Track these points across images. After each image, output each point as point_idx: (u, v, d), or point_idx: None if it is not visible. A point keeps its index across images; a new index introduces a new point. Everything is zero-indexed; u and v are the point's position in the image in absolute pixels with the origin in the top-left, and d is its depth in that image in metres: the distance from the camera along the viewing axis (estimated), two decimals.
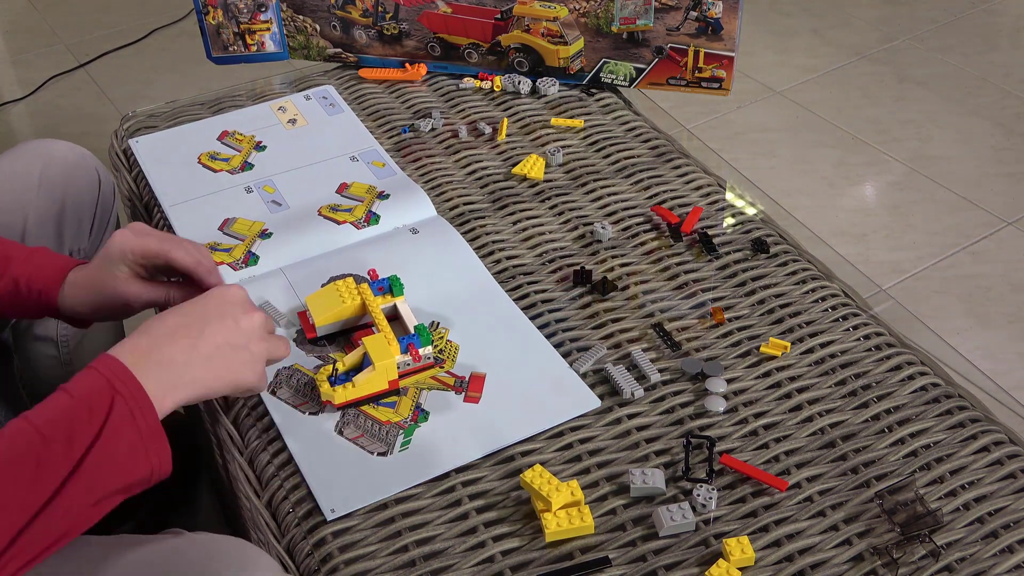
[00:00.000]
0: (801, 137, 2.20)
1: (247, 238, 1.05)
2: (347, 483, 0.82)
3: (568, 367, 0.91)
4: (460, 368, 0.92)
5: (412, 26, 1.31)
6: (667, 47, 1.24)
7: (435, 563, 0.77)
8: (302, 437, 0.86)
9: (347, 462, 0.83)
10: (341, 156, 1.18)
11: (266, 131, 1.22)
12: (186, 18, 2.64)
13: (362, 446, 0.85)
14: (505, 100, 1.29)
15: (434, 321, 0.96)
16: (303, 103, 1.27)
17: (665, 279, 1.02)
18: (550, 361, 0.92)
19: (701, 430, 0.86)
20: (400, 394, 0.89)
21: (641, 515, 0.80)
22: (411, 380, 0.90)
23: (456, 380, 0.90)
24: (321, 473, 0.83)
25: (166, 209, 1.11)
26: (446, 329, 0.95)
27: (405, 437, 0.85)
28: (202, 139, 1.21)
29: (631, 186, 1.14)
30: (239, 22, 1.32)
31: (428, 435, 0.85)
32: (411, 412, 0.87)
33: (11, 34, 2.66)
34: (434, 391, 0.89)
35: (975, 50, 2.48)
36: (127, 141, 1.22)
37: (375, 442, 0.85)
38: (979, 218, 1.94)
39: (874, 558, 0.76)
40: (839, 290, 1.00)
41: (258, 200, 1.11)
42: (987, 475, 0.82)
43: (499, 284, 1.00)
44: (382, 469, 0.83)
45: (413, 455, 0.84)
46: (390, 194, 1.10)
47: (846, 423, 0.87)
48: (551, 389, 0.89)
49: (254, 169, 1.16)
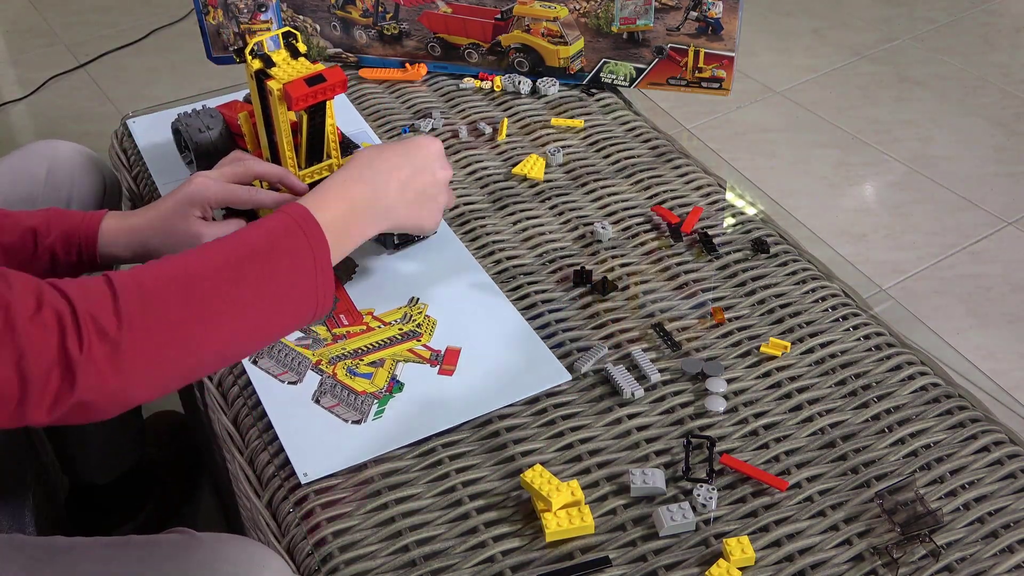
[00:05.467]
0: (801, 137, 2.20)
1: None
2: (321, 449, 0.85)
3: (541, 342, 0.94)
4: (437, 342, 0.94)
5: (412, 26, 1.31)
6: (667, 47, 1.24)
7: (435, 563, 0.77)
8: (281, 405, 0.89)
9: (322, 429, 0.86)
10: None
11: None
12: (186, 18, 2.64)
13: (337, 415, 0.88)
14: (505, 100, 1.29)
15: (413, 297, 0.98)
16: None
17: (665, 279, 1.02)
18: (524, 336, 0.94)
19: (701, 430, 0.86)
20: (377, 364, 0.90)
21: (641, 515, 0.80)
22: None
23: (432, 353, 0.93)
24: (297, 439, 0.86)
25: (161, 189, 1.14)
26: (425, 304, 0.98)
27: (379, 406, 0.88)
28: None
29: (631, 186, 1.14)
30: (239, 22, 1.32)
31: (402, 405, 0.88)
32: (386, 383, 0.90)
33: (11, 34, 2.66)
34: (410, 363, 0.92)
35: (975, 50, 2.48)
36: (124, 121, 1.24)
37: (350, 411, 0.88)
38: (979, 218, 1.94)
39: (874, 558, 0.76)
40: (839, 290, 1.00)
41: None
42: (987, 475, 0.82)
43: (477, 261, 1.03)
44: (356, 436, 0.86)
45: (386, 424, 0.87)
46: None
47: (846, 423, 0.87)
48: (524, 363, 0.92)
49: None
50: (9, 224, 0.88)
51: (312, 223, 0.77)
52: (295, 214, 0.78)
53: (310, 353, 0.93)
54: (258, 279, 0.73)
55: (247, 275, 0.72)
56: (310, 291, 0.76)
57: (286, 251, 0.75)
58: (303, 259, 0.76)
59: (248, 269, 0.72)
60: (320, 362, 0.93)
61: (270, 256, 0.74)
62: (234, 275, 0.72)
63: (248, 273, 0.72)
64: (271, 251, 0.75)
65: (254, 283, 0.72)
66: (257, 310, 0.73)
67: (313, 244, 0.76)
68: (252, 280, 0.72)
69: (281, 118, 0.94)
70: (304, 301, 0.76)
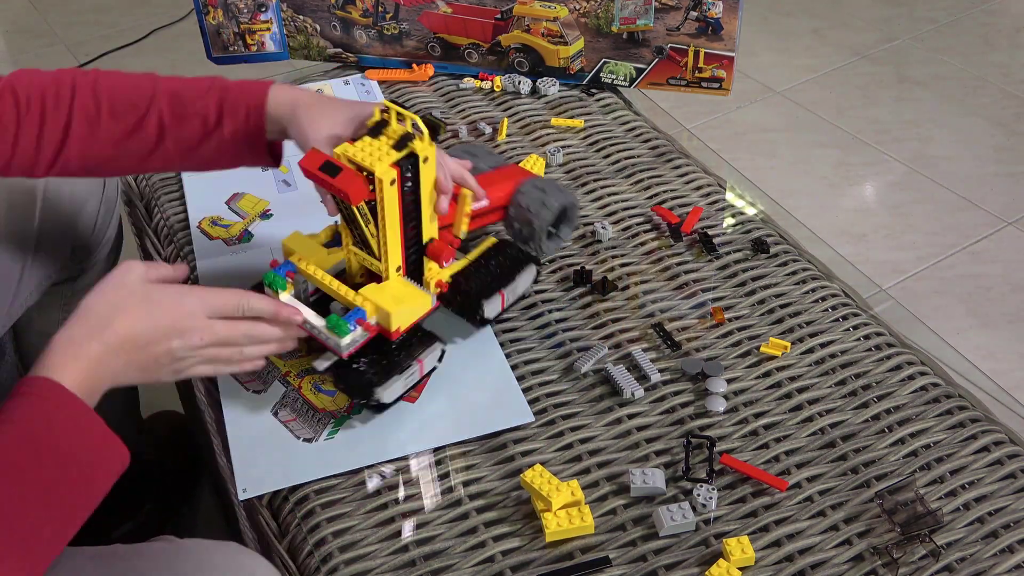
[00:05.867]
0: (801, 137, 2.20)
1: (248, 216, 1.07)
2: (266, 465, 0.84)
3: (513, 379, 0.91)
4: None
5: (412, 26, 1.31)
6: (667, 47, 1.24)
7: (435, 563, 0.77)
8: (240, 414, 0.88)
9: (273, 444, 0.85)
10: None
11: None
12: (186, 18, 2.63)
13: (292, 430, 0.87)
14: (505, 100, 1.29)
15: None
16: (341, 88, 1.30)
17: (665, 279, 1.02)
18: (498, 371, 0.92)
19: (701, 430, 0.86)
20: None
21: (641, 515, 0.80)
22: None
23: None
24: (245, 452, 0.85)
25: (183, 177, 1.14)
26: None
27: (335, 426, 0.87)
28: None
29: (631, 186, 1.14)
30: (239, 22, 1.32)
31: (356, 428, 0.87)
32: (348, 403, 0.89)
33: (11, 34, 2.66)
34: None
35: (975, 50, 2.48)
36: None
37: (304, 427, 0.87)
38: (979, 218, 1.94)
39: (874, 558, 0.76)
40: (839, 290, 1.00)
41: (270, 178, 1.13)
42: (987, 475, 0.82)
43: None
44: (302, 456, 0.84)
45: (335, 446, 0.85)
46: None
47: (846, 423, 0.87)
48: (489, 399, 0.89)
49: None
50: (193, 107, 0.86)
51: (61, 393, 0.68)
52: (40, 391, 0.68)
53: (281, 363, 0.92)
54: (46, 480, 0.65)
55: (28, 482, 0.64)
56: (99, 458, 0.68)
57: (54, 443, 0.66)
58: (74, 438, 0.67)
59: (29, 475, 0.64)
60: (289, 374, 0.91)
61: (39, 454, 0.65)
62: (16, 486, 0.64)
63: (28, 479, 0.64)
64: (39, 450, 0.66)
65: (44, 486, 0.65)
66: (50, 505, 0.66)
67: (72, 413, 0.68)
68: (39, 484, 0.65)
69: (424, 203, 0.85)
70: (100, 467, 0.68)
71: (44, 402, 0.67)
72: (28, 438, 0.65)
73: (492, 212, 0.95)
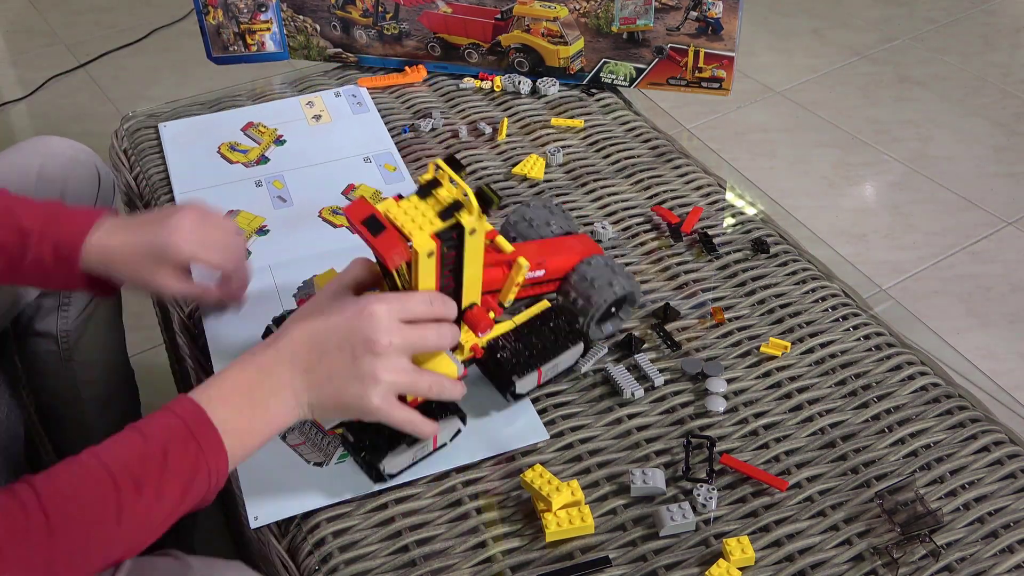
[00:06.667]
0: (801, 137, 2.20)
1: (244, 233, 1.06)
2: (276, 492, 0.81)
3: (527, 400, 0.88)
4: None
5: (412, 26, 1.31)
6: (667, 47, 1.24)
7: (435, 563, 0.77)
8: None
9: (282, 468, 0.82)
10: (355, 156, 1.18)
11: (290, 125, 1.23)
12: (186, 18, 2.64)
13: (301, 454, 0.83)
14: (505, 100, 1.29)
15: None
16: (332, 100, 1.28)
17: (665, 279, 1.02)
18: None
19: (701, 430, 0.86)
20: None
21: (641, 515, 0.80)
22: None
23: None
24: (255, 478, 0.81)
25: (177, 196, 1.12)
26: None
27: (344, 450, 0.84)
28: (227, 129, 1.23)
29: (631, 186, 1.14)
30: (239, 22, 1.32)
31: None
32: None
33: (11, 34, 2.66)
34: None
35: (975, 50, 2.48)
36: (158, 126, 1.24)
37: (314, 451, 0.84)
38: (979, 218, 1.94)
39: (874, 558, 0.76)
40: (839, 290, 1.00)
41: (265, 195, 1.12)
42: (987, 475, 0.82)
43: None
44: (313, 480, 0.81)
45: (348, 469, 0.82)
46: None
47: (846, 423, 0.87)
48: (504, 418, 0.87)
49: (269, 163, 1.17)
50: (6, 223, 0.87)
51: (205, 425, 0.70)
52: (186, 414, 0.70)
53: None
54: (156, 492, 0.67)
55: (145, 487, 0.67)
56: (202, 493, 0.70)
57: (178, 465, 0.68)
58: (196, 471, 0.69)
59: (146, 481, 0.67)
60: None
61: (165, 469, 0.68)
62: (134, 487, 0.66)
63: (146, 485, 0.67)
64: (165, 464, 0.68)
65: (151, 495, 0.67)
66: (153, 517, 0.68)
67: (207, 451, 0.69)
68: (149, 493, 0.67)
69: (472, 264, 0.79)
70: (197, 499, 0.70)
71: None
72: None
73: (547, 283, 0.91)
